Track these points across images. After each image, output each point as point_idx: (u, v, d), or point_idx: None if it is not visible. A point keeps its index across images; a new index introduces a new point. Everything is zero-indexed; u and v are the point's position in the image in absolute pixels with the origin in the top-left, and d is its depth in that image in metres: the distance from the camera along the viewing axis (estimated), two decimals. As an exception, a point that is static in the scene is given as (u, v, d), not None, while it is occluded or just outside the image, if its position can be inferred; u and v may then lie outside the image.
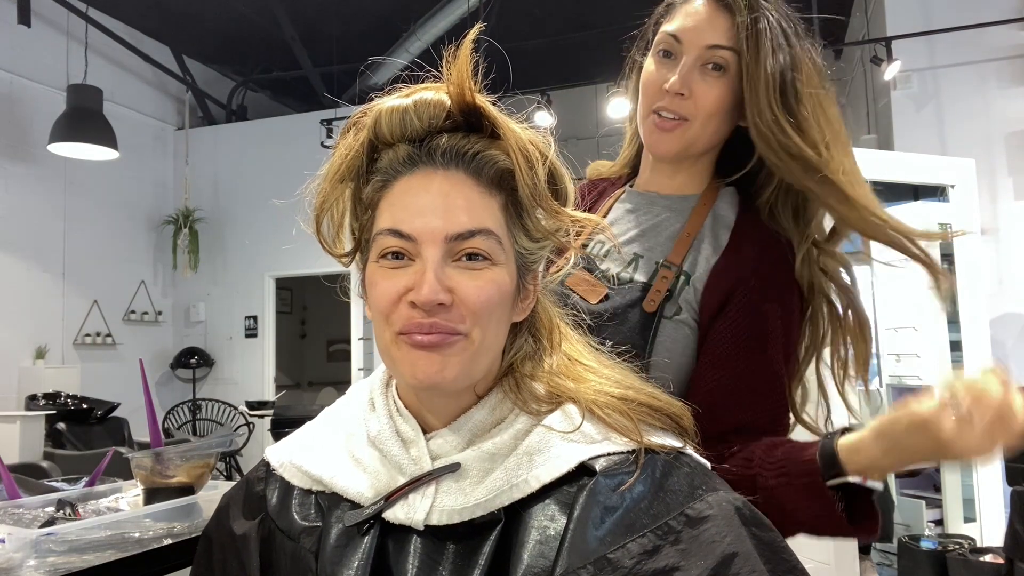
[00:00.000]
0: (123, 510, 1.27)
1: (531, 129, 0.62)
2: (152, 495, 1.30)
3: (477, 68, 0.60)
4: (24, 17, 4.78)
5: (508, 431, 0.60)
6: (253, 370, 7.10)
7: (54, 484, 1.59)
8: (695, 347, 0.89)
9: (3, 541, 1.01)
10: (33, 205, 5.89)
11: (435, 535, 0.59)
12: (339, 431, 0.68)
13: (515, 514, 0.57)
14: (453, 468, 0.59)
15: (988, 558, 2.90)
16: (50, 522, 1.13)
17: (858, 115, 6.46)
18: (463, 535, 0.58)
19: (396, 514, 0.59)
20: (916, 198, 3.72)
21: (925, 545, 3.08)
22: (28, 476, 2.30)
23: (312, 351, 10.03)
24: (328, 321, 9.63)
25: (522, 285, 0.62)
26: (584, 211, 0.72)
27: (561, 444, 0.59)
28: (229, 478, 6.34)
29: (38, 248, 5.93)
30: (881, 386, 3.88)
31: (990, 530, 3.23)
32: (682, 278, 0.89)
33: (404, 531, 0.59)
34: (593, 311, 0.86)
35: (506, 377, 0.64)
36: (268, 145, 7.16)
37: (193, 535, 1.19)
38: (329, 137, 6.06)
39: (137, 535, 1.15)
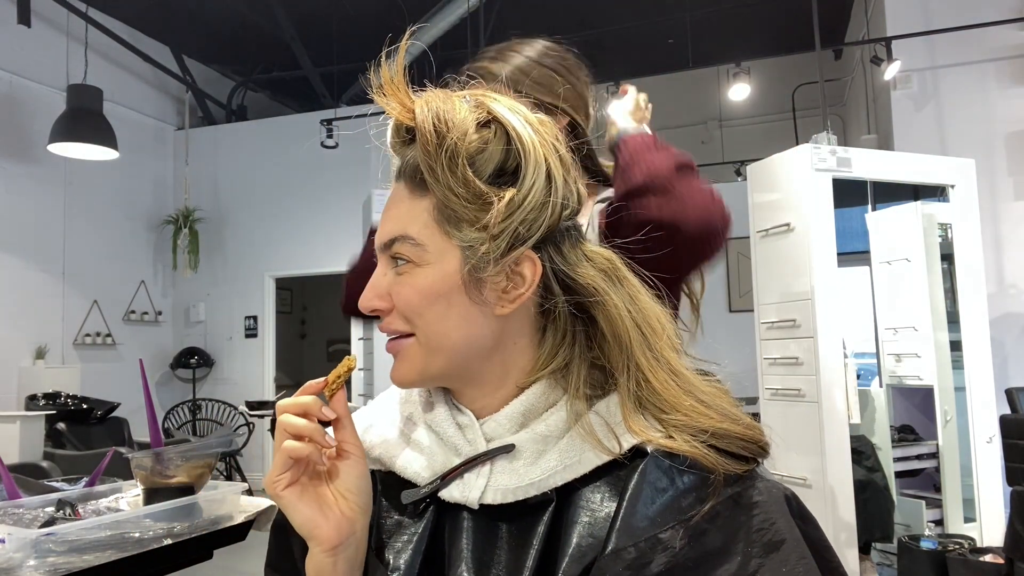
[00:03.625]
0: (123, 510, 1.27)
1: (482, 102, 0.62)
2: (152, 495, 1.30)
3: (416, 76, 0.64)
4: (24, 17, 4.78)
5: (560, 415, 0.62)
6: (253, 370, 7.10)
7: (54, 484, 1.58)
8: None
9: (3, 541, 1.01)
10: (33, 205, 5.89)
11: (488, 515, 0.60)
12: (396, 416, 0.71)
13: (567, 495, 0.59)
14: (508, 449, 0.61)
15: (988, 558, 2.90)
16: (50, 522, 1.13)
17: (858, 115, 6.47)
18: (515, 515, 0.60)
19: (452, 493, 0.61)
20: (916, 198, 3.71)
21: (925, 545, 3.08)
22: (28, 476, 2.30)
23: (312, 351, 10.02)
24: (328, 321, 9.63)
25: (482, 278, 0.60)
26: None
27: (615, 427, 0.59)
28: (229, 478, 6.34)
29: (38, 248, 5.93)
30: (881, 386, 3.87)
31: (990, 530, 3.23)
32: None
33: (457, 511, 0.62)
34: None
35: (556, 371, 0.63)
36: (268, 145, 7.16)
37: (193, 535, 1.19)
38: (329, 137, 6.05)
39: (137, 535, 1.15)
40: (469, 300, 0.61)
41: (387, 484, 0.66)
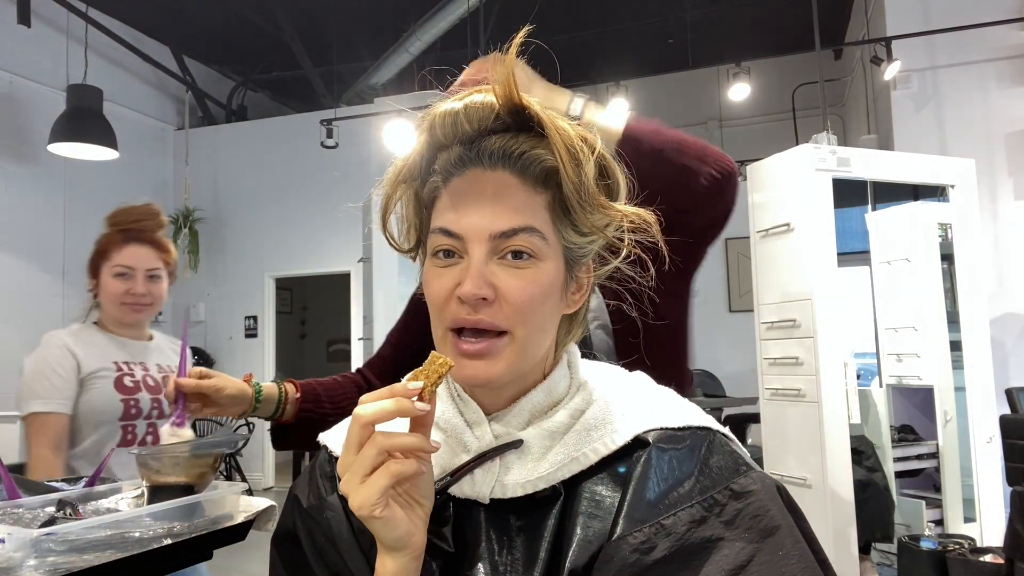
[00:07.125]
0: (123, 510, 1.27)
1: (581, 127, 0.63)
2: (154, 494, 1.30)
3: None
4: (24, 17, 4.77)
5: (565, 410, 0.63)
6: (253, 370, 7.08)
7: (54, 484, 1.58)
8: None
9: (3, 541, 1.01)
10: (33, 205, 5.89)
11: (499, 510, 0.62)
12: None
13: (572, 487, 0.60)
14: (516, 444, 0.62)
15: (988, 558, 2.90)
16: (50, 522, 1.13)
17: (858, 115, 6.46)
18: (526, 510, 0.61)
19: (463, 489, 0.62)
20: (916, 198, 3.71)
21: (925, 545, 3.07)
22: (28, 476, 2.29)
23: (312, 351, 10.02)
24: (328, 321, 9.62)
25: (571, 278, 0.64)
26: None
27: (617, 419, 0.62)
28: (229, 478, 6.33)
29: (38, 248, 5.93)
30: (881, 386, 3.87)
31: (990, 530, 3.23)
32: None
33: (470, 506, 0.62)
34: None
35: (563, 361, 0.67)
36: (268, 145, 7.16)
37: (193, 535, 1.19)
38: (329, 137, 6.05)
39: (137, 535, 1.15)
40: (558, 298, 0.63)
41: None
